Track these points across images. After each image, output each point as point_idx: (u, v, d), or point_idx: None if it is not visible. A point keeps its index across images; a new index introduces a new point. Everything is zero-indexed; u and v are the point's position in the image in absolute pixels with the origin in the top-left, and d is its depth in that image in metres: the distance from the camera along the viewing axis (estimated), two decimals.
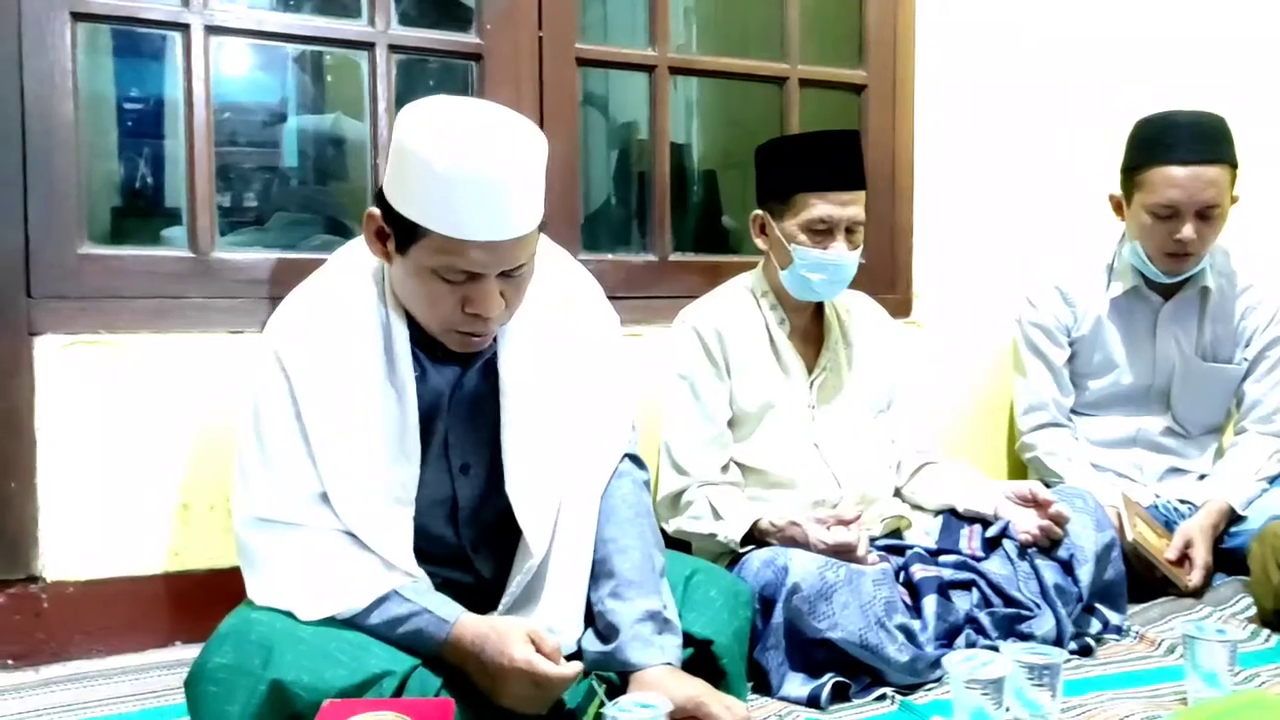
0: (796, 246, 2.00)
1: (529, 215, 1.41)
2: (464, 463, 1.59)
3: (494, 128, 1.39)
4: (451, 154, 1.34)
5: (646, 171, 2.38)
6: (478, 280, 1.41)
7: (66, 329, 1.85)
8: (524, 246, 1.42)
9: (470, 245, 1.37)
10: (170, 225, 2.89)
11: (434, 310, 1.44)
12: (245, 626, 1.41)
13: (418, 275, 1.42)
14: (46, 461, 1.85)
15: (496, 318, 1.45)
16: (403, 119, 1.40)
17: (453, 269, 1.39)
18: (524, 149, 1.39)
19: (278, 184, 2.58)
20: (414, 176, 1.37)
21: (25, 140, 1.82)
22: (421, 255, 1.40)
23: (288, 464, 1.46)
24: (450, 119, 1.38)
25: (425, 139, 1.35)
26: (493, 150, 1.36)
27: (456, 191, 1.34)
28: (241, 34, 1.98)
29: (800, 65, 2.46)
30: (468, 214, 1.35)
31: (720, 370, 2.07)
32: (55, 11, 1.82)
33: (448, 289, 1.41)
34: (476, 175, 1.34)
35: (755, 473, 2.08)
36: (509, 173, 1.36)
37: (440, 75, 2.29)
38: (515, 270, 1.43)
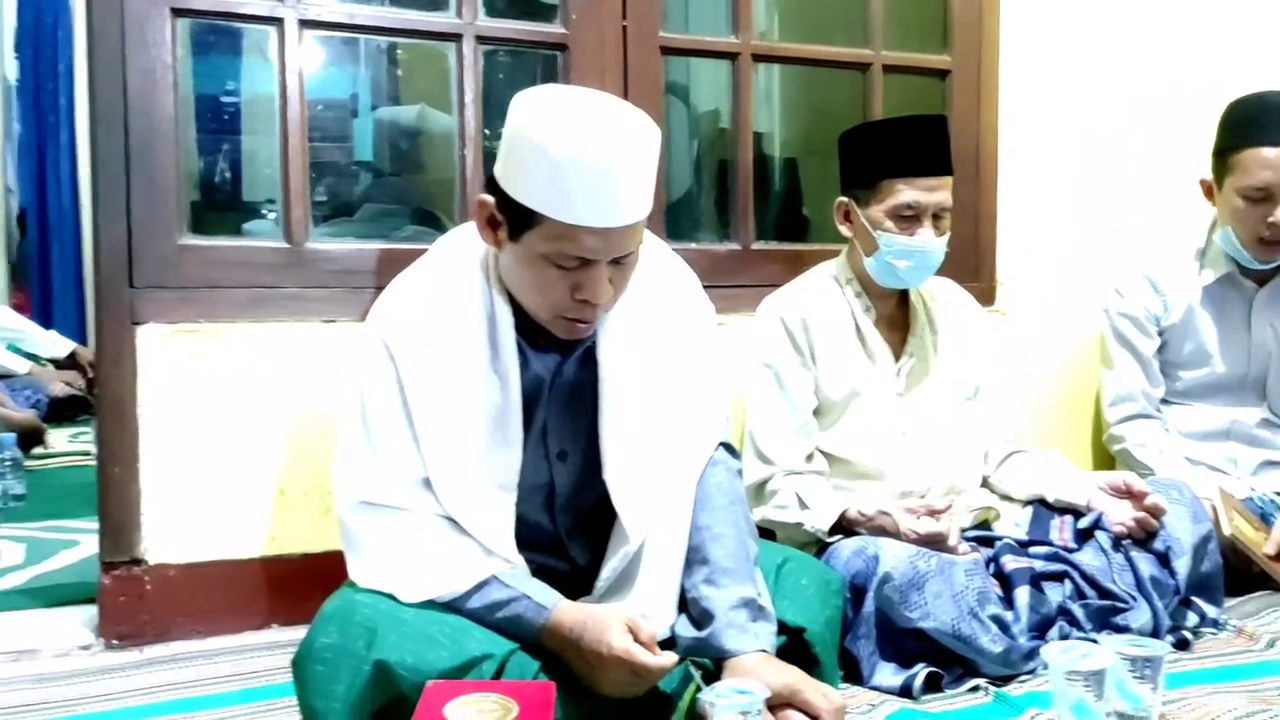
0: (882, 233, 1.99)
1: (641, 203, 1.41)
2: (561, 449, 1.60)
3: (609, 115, 1.40)
4: (567, 140, 1.35)
5: (728, 160, 2.38)
6: (589, 267, 1.42)
7: (167, 318, 1.90)
8: (635, 234, 1.43)
9: (583, 231, 1.38)
10: (252, 219, 2.95)
11: (544, 297, 1.46)
12: (349, 608, 1.43)
13: (529, 262, 1.43)
14: (148, 447, 1.90)
15: (605, 305, 1.46)
16: (517, 106, 1.42)
17: (565, 255, 1.40)
18: (638, 137, 1.40)
19: (364, 176, 2.62)
20: (529, 163, 1.38)
21: (128, 134, 1.87)
22: (534, 241, 1.41)
23: (392, 449, 1.49)
24: (566, 106, 1.39)
25: (541, 125, 1.37)
26: (608, 137, 1.37)
27: (571, 178, 1.35)
28: (334, 27, 2.02)
29: (884, 51, 2.44)
30: (582, 200, 1.36)
31: (805, 358, 2.06)
32: (157, 8, 1.86)
33: (558, 275, 1.42)
34: (592, 161, 1.35)
35: (841, 462, 2.06)
36: (624, 160, 1.37)
37: (525, 66, 2.31)
38: (625, 258, 1.44)
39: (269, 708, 1.63)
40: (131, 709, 1.62)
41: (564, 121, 1.37)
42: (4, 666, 1.78)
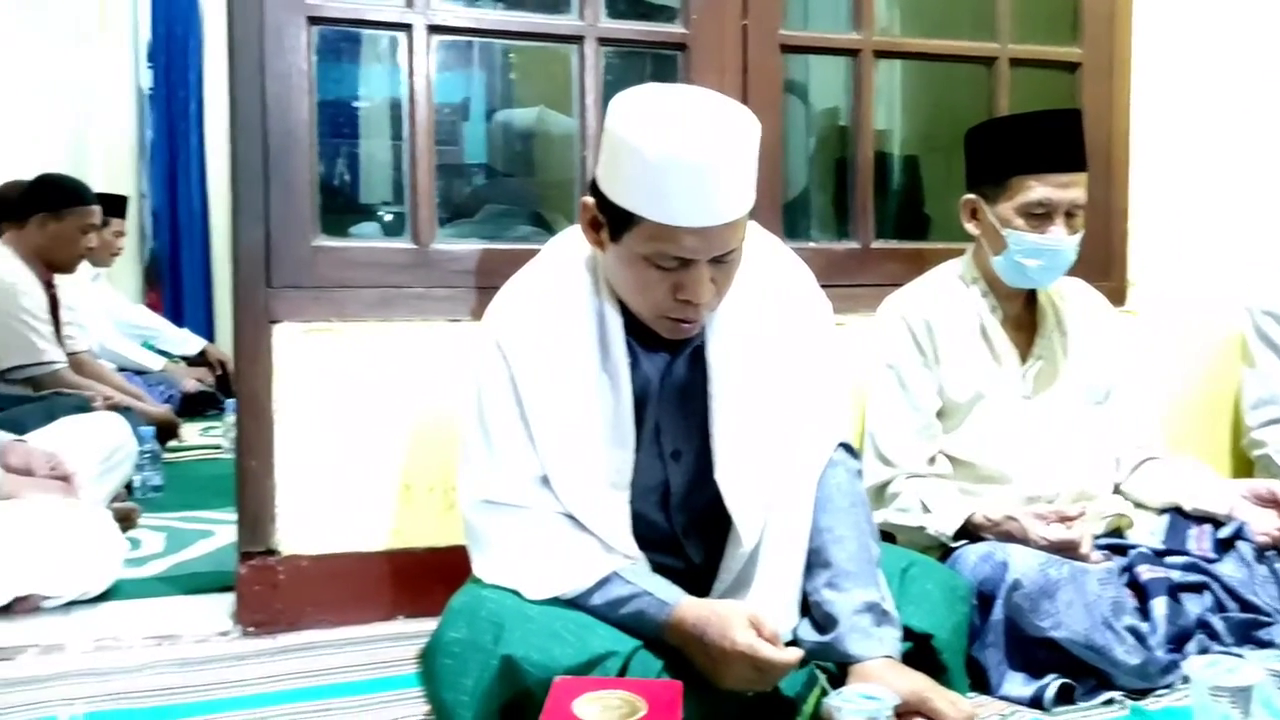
0: (1011, 231, 1.94)
1: (740, 200, 1.41)
2: (675, 449, 1.61)
3: (704, 114, 1.39)
4: (662, 141, 1.35)
5: (847, 157, 2.35)
6: (689, 266, 1.42)
7: (302, 317, 1.96)
8: (735, 232, 1.42)
9: (682, 231, 1.38)
10: (369, 220, 3.03)
11: (646, 297, 1.46)
12: (476, 603, 1.46)
13: (630, 262, 1.44)
14: (283, 442, 1.97)
15: (707, 304, 1.46)
16: (614, 108, 1.42)
17: (665, 255, 1.41)
18: (734, 134, 1.39)
19: (485, 177, 2.66)
20: (626, 164, 1.38)
21: (266, 139, 1.93)
22: (634, 242, 1.42)
23: (510, 448, 1.51)
24: (661, 106, 1.39)
25: (637, 127, 1.37)
26: (703, 136, 1.36)
27: (668, 178, 1.35)
28: (460, 32, 2.06)
29: (1010, 44, 2.38)
30: (679, 200, 1.36)
31: (928, 359, 2.02)
32: (293, 16, 1.92)
33: (659, 275, 1.43)
34: (687, 162, 1.35)
35: (964, 465, 2.02)
36: (719, 158, 1.36)
37: (645, 66, 2.32)
38: (726, 256, 1.44)
39: (397, 698, 1.67)
40: (267, 695, 1.68)
41: (658, 122, 1.37)
42: (149, 650, 1.86)
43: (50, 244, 3.38)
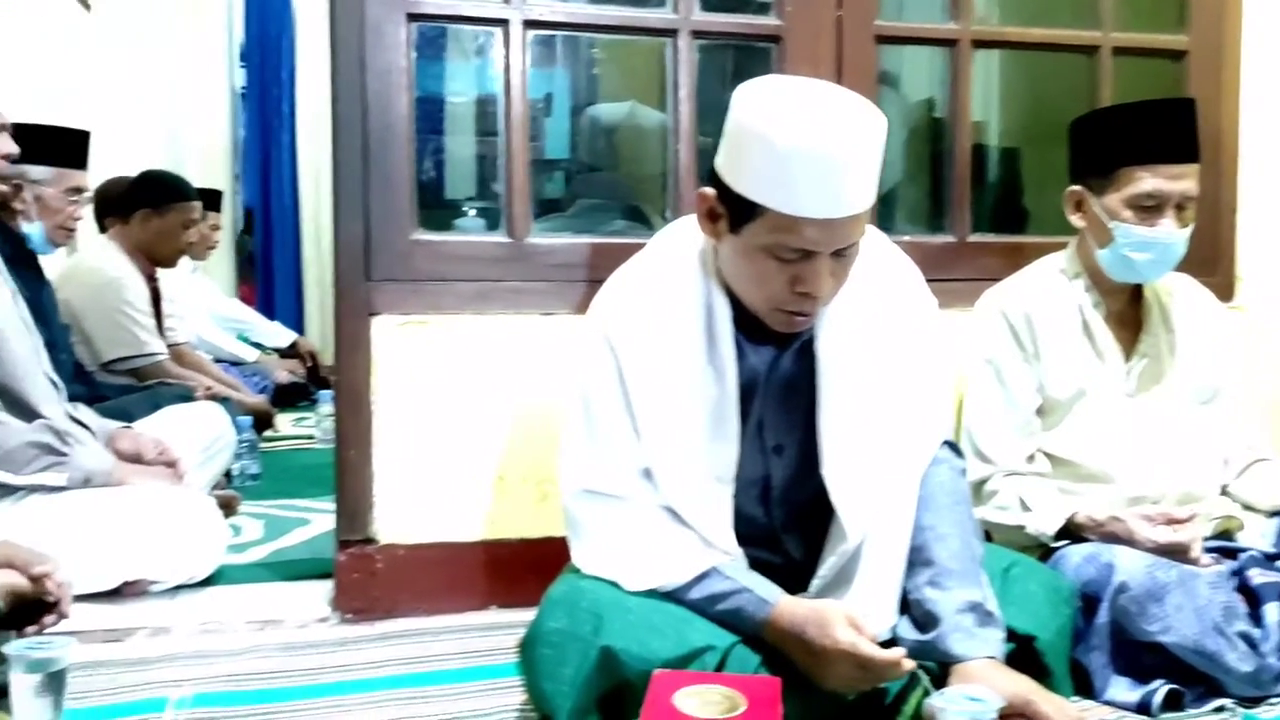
0: (1119, 224, 1.89)
1: (864, 193, 1.39)
2: (777, 443, 1.60)
3: (833, 105, 1.39)
4: (791, 131, 1.34)
5: (944, 149, 2.31)
6: (809, 259, 1.41)
7: (400, 310, 1.99)
8: (857, 225, 1.41)
9: (805, 223, 1.37)
10: (457, 215, 3.06)
11: (763, 289, 1.45)
12: (576, 594, 1.47)
13: (749, 254, 1.43)
14: (381, 432, 2.00)
15: (825, 297, 1.45)
16: (740, 98, 1.42)
17: (786, 247, 1.40)
18: (862, 126, 1.38)
19: (576, 172, 2.68)
20: (752, 154, 1.38)
21: (366, 135, 1.96)
22: (755, 233, 1.41)
23: (614, 439, 1.52)
24: (789, 97, 1.39)
25: (764, 117, 1.36)
26: (832, 126, 1.35)
27: (794, 168, 1.35)
28: (555, 27, 2.07)
29: (1114, 32, 2.31)
30: (805, 191, 1.35)
31: (1028, 355, 1.98)
32: (393, 13, 1.95)
33: (778, 267, 1.42)
34: (816, 151, 1.34)
35: (1065, 464, 1.97)
36: (847, 150, 1.36)
37: (737, 59, 2.30)
38: (846, 249, 1.42)
39: (494, 686, 1.69)
40: (369, 680, 1.71)
41: (787, 111, 1.36)
42: (253, 634, 1.91)
43: (153, 239, 3.49)
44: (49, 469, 1.97)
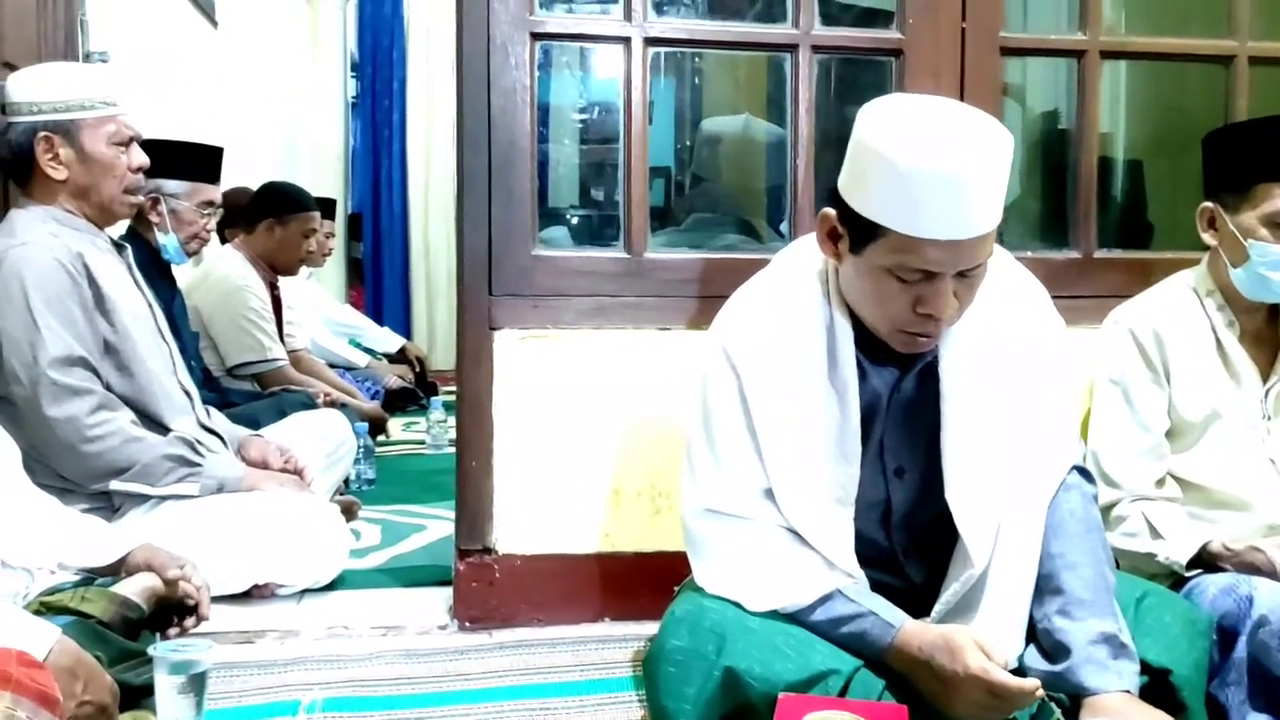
0: (1255, 242, 1.82)
1: (991, 214, 1.37)
2: (898, 466, 1.58)
3: (958, 125, 1.37)
4: (915, 152, 1.33)
5: (1069, 163, 2.25)
6: (933, 280, 1.39)
7: (521, 324, 2.03)
8: (983, 246, 1.39)
9: (929, 244, 1.35)
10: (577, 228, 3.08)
11: (885, 310, 1.44)
12: (699, 613, 1.47)
13: (871, 275, 1.42)
14: (501, 444, 2.04)
15: (948, 318, 1.43)
16: (864, 118, 1.41)
17: (909, 268, 1.38)
18: (989, 146, 1.36)
19: (691, 186, 2.69)
20: (875, 175, 1.37)
21: (491, 151, 2.00)
22: (877, 254, 1.40)
23: (736, 459, 1.52)
24: (913, 117, 1.37)
25: (888, 137, 1.35)
26: (957, 146, 1.34)
27: (919, 189, 1.33)
28: (676, 44, 2.08)
29: (1250, 41, 2.23)
30: (929, 212, 1.34)
31: (1158, 375, 1.92)
32: (519, 33, 1.99)
33: (900, 288, 1.41)
34: (940, 173, 1.32)
35: (1196, 489, 1.91)
36: (973, 170, 1.33)
37: (857, 72, 2.29)
38: (971, 270, 1.40)
39: (613, 700, 1.70)
40: (487, 690, 1.75)
41: (911, 131, 1.35)
42: (376, 640, 1.96)
43: (276, 248, 3.62)
44: (184, 480, 2.05)
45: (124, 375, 2.09)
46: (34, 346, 1.98)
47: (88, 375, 2.02)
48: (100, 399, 2.02)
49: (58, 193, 2.12)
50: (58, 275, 2.02)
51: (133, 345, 2.10)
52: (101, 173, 2.12)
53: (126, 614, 1.56)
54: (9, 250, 2.02)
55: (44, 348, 1.97)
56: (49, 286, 2.00)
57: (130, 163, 2.16)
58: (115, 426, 2.01)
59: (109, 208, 2.17)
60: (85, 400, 1.99)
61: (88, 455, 1.99)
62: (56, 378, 1.97)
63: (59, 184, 2.10)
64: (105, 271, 2.10)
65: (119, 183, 2.15)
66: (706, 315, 1.97)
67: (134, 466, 2.02)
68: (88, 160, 2.10)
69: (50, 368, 1.97)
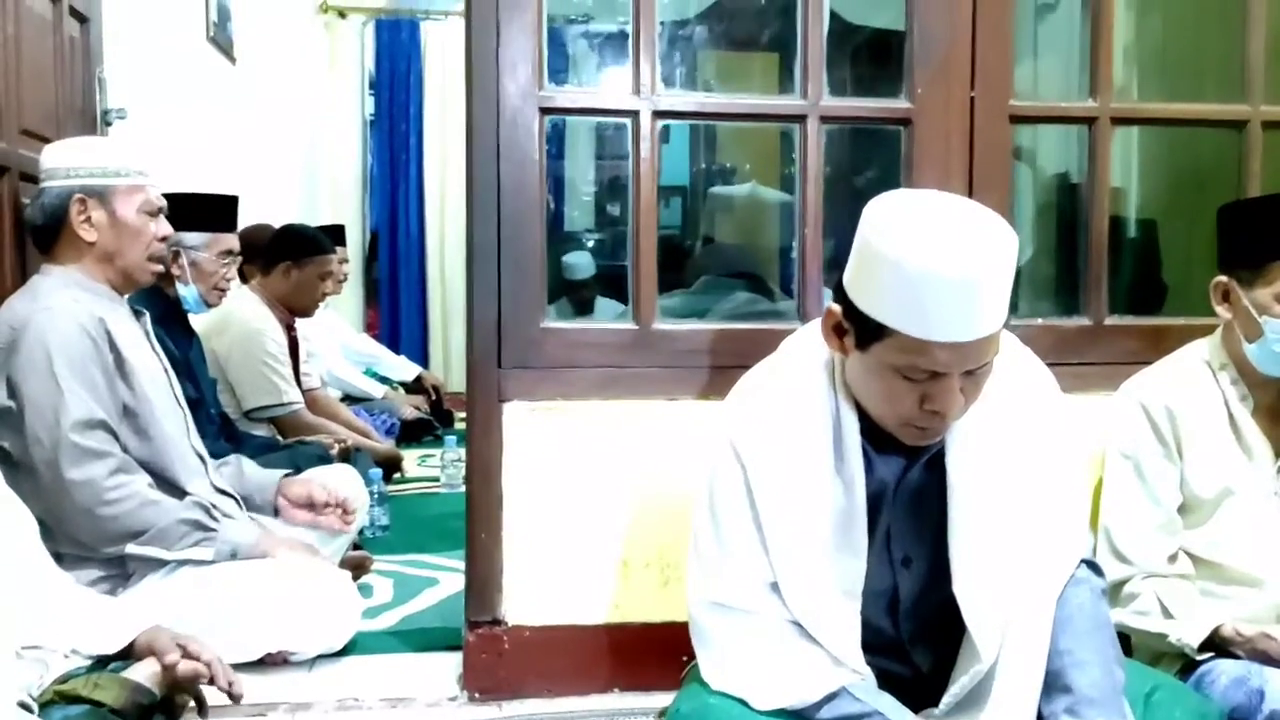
0: (1270, 319, 1.81)
1: (997, 314, 1.37)
2: (906, 555, 1.57)
3: (965, 227, 1.36)
4: (924, 256, 1.32)
5: (1080, 228, 2.24)
6: (940, 379, 1.39)
7: (530, 396, 2.04)
8: (990, 345, 1.39)
9: (936, 346, 1.35)
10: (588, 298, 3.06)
11: (891, 406, 1.44)
12: (704, 711, 1.48)
13: (877, 372, 1.42)
14: (510, 514, 2.05)
15: (955, 415, 1.43)
16: (870, 218, 1.41)
17: (915, 368, 1.38)
18: (995, 249, 1.35)
19: (700, 249, 2.70)
20: (882, 277, 1.37)
21: (500, 223, 2.02)
22: (883, 353, 1.40)
23: (741, 552, 1.52)
24: (920, 219, 1.37)
25: (896, 240, 1.35)
26: (965, 250, 1.33)
27: (926, 293, 1.33)
28: (685, 116, 2.08)
29: (1264, 105, 2.21)
30: (936, 316, 1.34)
31: (1170, 450, 1.91)
32: (528, 107, 2.00)
33: (907, 386, 1.40)
34: (949, 278, 1.32)
35: (1209, 565, 1.89)
36: (981, 274, 1.33)
37: (866, 141, 2.28)
38: (978, 368, 1.40)
39: None
40: None
41: (918, 235, 1.34)
42: (387, 713, 1.98)
43: (293, 291, 3.65)
44: (199, 544, 2.07)
45: (142, 439, 2.12)
46: (56, 410, 2.00)
47: (107, 438, 2.04)
48: (119, 462, 2.05)
49: (83, 256, 2.15)
50: (80, 339, 2.05)
51: (150, 409, 2.12)
52: (130, 238, 2.16)
53: (139, 700, 1.57)
54: (34, 315, 2.05)
55: (66, 411, 2.00)
56: (72, 350, 2.03)
57: (157, 232, 2.20)
58: (132, 490, 2.04)
59: (132, 274, 2.20)
60: (104, 463, 2.02)
61: (105, 518, 2.01)
62: (77, 440, 2.00)
63: (87, 247, 2.14)
64: (125, 336, 2.13)
65: (145, 249, 2.19)
66: (714, 385, 1.99)
67: (150, 530, 2.04)
68: (118, 225, 2.15)
69: (72, 430, 2.00)
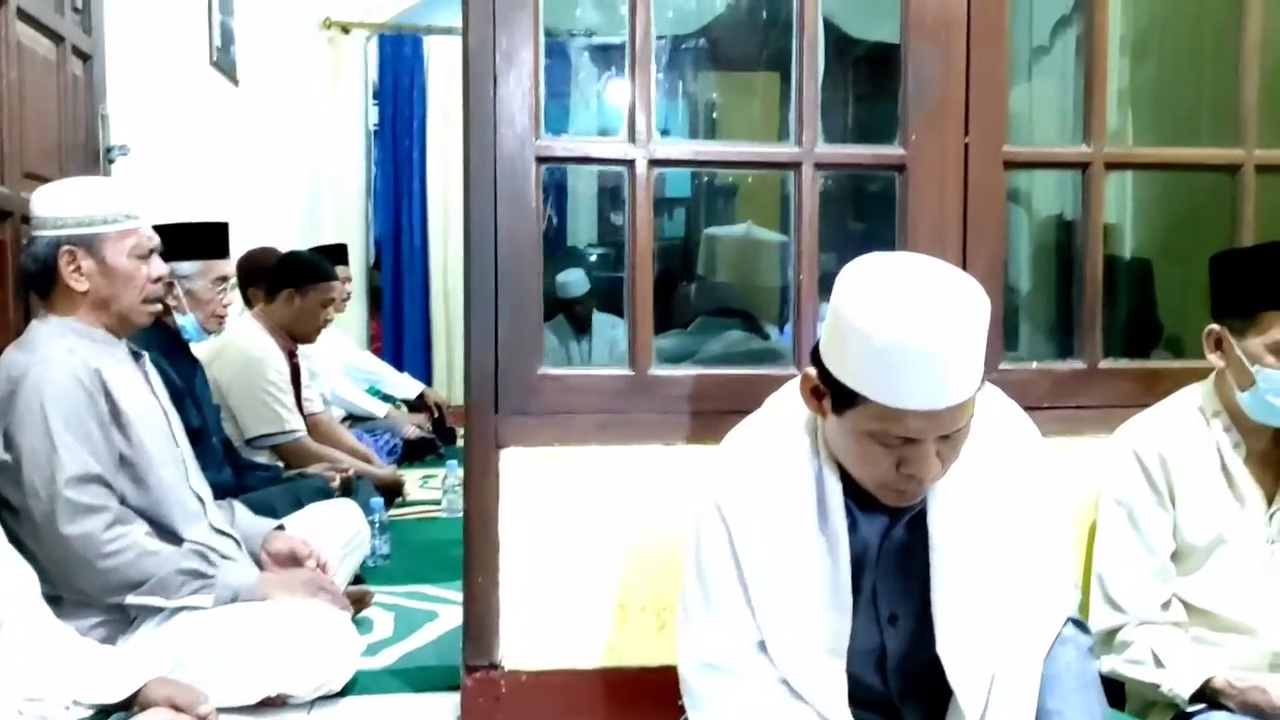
0: (1262, 369, 1.82)
1: (969, 382, 1.38)
2: (892, 613, 1.59)
3: (934, 296, 1.36)
4: (892, 327, 1.33)
5: (1074, 271, 2.25)
6: (915, 444, 1.40)
7: (527, 442, 2.06)
8: (963, 411, 1.40)
9: (909, 414, 1.36)
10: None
11: (869, 470, 1.46)
12: None
13: (854, 436, 1.44)
14: (507, 559, 2.07)
15: (932, 478, 1.44)
16: (842, 286, 1.41)
17: (889, 435, 1.39)
18: (965, 317, 1.36)
19: (697, 289, 2.72)
20: (853, 345, 1.38)
21: (498, 270, 2.03)
22: (858, 419, 1.41)
23: (728, 612, 1.53)
24: (889, 289, 1.37)
25: (864, 311, 1.36)
26: (933, 323, 1.34)
27: (896, 364, 1.34)
28: (681, 164, 2.10)
29: (1257, 150, 2.22)
30: (907, 385, 1.35)
31: (1163, 498, 1.92)
32: (525, 156, 2.01)
33: (883, 451, 1.42)
34: (917, 349, 1.33)
35: (1201, 613, 1.90)
36: (950, 344, 1.34)
37: (860, 186, 2.30)
38: (953, 432, 1.41)
39: None
40: None
41: (887, 305, 1.35)
42: None
43: (296, 318, 3.67)
44: (198, 591, 2.09)
45: (139, 487, 2.13)
46: (51, 465, 2.02)
47: (102, 492, 2.06)
48: (115, 514, 2.06)
49: (79, 304, 2.16)
50: (75, 392, 2.06)
51: (147, 458, 2.14)
52: (123, 284, 2.17)
53: None
54: (31, 367, 2.06)
55: (61, 466, 2.01)
56: (67, 404, 2.04)
57: (150, 273, 2.20)
58: (130, 541, 2.05)
59: (128, 317, 2.21)
60: (100, 517, 2.03)
61: (103, 571, 2.03)
62: (72, 496, 2.01)
63: (80, 296, 2.15)
64: (122, 384, 2.14)
65: (139, 293, 2.19)
66: (709, 430, 2.00)
67: (149, 580, 2.06)
68: (109, 272, 2.15)
69: (67, 486, 2.01)
